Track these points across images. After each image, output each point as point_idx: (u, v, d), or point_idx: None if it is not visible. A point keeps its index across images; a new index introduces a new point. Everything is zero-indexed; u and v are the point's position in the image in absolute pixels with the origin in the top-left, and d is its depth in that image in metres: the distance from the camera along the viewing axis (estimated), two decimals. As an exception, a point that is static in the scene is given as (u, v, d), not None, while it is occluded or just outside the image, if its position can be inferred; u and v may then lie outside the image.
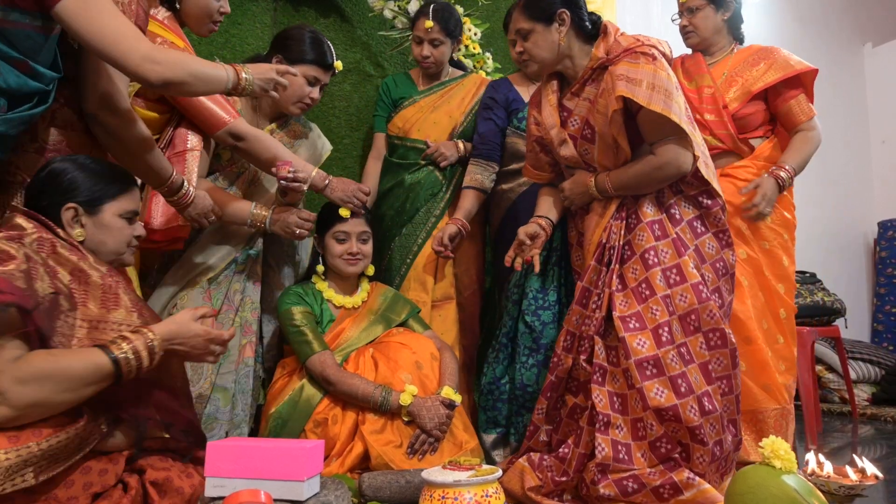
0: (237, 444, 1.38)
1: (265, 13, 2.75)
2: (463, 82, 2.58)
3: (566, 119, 1.91)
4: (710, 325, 1.71)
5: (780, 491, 1.29)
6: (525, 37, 1.87)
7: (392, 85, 2.62)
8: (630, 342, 1.68)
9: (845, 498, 1.38)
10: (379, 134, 2.63)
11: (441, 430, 1.88)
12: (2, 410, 1.12)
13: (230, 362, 1.99)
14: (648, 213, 1.79)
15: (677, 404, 1.62)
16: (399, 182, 2.49)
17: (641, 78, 1.70)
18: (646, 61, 1.72)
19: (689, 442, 1.63)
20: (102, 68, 1.49)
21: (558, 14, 1.83)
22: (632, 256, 1.78)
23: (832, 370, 3.72)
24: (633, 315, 1.72)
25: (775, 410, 2.09)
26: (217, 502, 1.29)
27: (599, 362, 1.74)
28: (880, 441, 2.83)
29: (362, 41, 2.95)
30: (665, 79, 1.71)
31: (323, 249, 2.17)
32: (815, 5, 4.54)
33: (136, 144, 1.59)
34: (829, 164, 4.33)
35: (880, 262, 4.53)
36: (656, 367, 1.66)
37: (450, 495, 1.42)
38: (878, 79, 4.75)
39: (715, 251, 1.83)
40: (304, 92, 2.11)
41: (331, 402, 1.96)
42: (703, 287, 1.73)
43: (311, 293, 2.12)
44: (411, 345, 2.01)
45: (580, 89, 1.87)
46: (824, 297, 3.30)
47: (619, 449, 1.65)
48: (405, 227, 2.45)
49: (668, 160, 1.73)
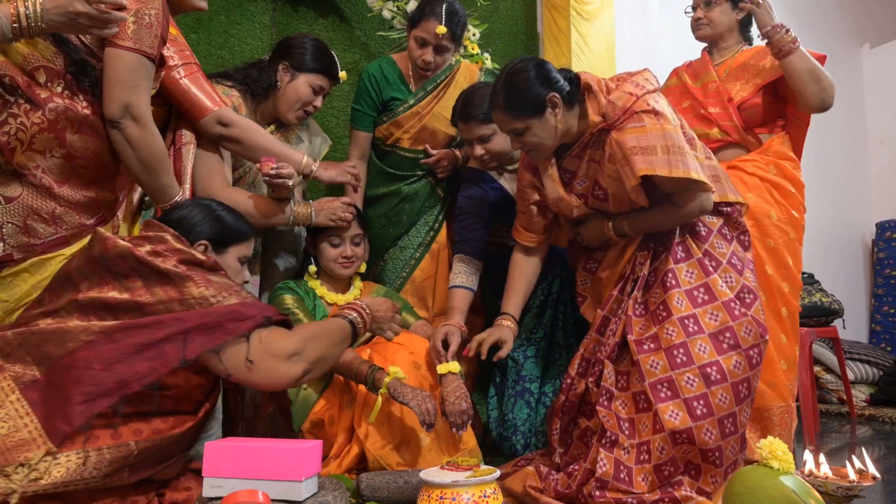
0: (235, 444, 1.37)
1: (264, 13, 2.75)
2: (455, 78, 2.42)
3: (570, 180, 1.86)
4: (749, 343, 1.67)
5: (778, 492, 1.29)
6: (521, 133, 1.76)
7: (382, 80, 2.39)
8: (643, 364, 1.66)
9: (843, 499, 1.38)
10: (363, 133, 2.41)
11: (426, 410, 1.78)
12: (300, 366, 1.35)
13: None
14: (675, 237, 1.78)
15: (692, 427, 1.59)
16: (394, 192, 2.39)
17: (654, 144, 1.64)
18: (651, 121, 1.65)
19: (700, 462, 1.62)
20: (128, 76, 1.48)
21: (549, 100, 1.71)
22: (655, 282, 1.77)
23: (830, 371, 3.72)
24: (649, 337, 1.70)
25: (780, 408, 2.09)
26: (215, 502, 1.29)
27: (607, 386, 1.72)
28: (878, 442, 2.83)
29: (361, 41, 2.95)
30: (673, 133, 1.65)
31: (316, 252, 2.17)
32: (813, 6, 4.54)
33: (153, 158, 1.57)
34: (826, 165, 4.33)
35: (878, 262, 4.53)
36: (670, 389, 1.63)
37: (448, 496, 1.42)
38: (875, 79, 4.75)
39: (742, 253, 1.84)
40: (308, 101, 2.10)
41: (328, 403, 1.96)
42: (735, 304, 1.70)
43: (303, 289, 2.12)
44: (409, 345, 2.01)
45: (581, 152, 1.81)
46: (822, 297, 3.31)
47: (621, 469, 1.63)
48: (401, 239, 2.38)
49: (690, 209, 1.73)
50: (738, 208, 1.86)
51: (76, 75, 1.48)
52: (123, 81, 1.48)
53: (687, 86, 2.39)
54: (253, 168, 2.08)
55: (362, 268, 2.24)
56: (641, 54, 2.93)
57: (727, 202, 1.84)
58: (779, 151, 2.24)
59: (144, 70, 1.51)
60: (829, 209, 4.40)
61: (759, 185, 2.19)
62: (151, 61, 1.52)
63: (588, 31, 3.29)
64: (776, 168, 2.22)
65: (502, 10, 3.35)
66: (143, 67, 1.50)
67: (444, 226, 2.40)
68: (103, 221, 1.60)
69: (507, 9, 3.37)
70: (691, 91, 2.37)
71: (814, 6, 4.55)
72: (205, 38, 2.37)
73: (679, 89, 2.42)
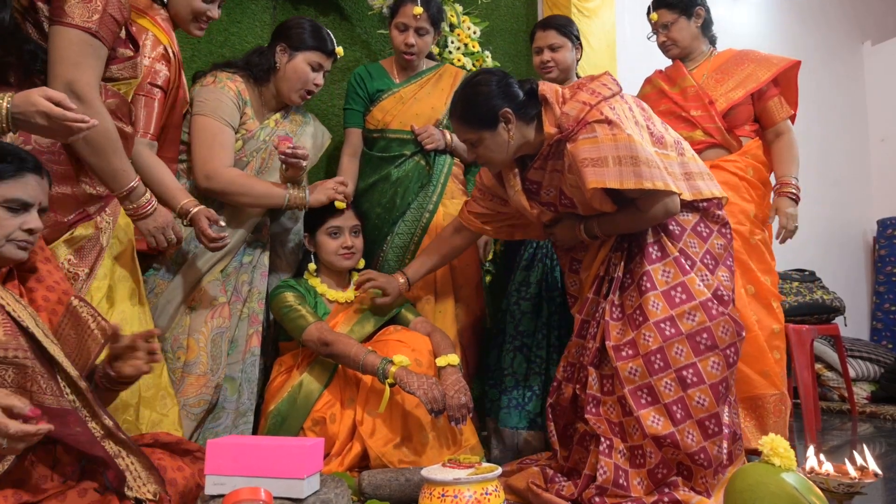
0: (237, 441, 1.38)
1: (264, 12, 2.75)
2: (440, 73, 2.49)
3: (537, 190, 1.86)
4: (727, 342, 1.67)
5: (780, 488, 1.29)
6: (474, 144, 1.78)
7: (367, 76, 2.47)
8: (622, 371, 1.66)
9: (844, 495, 1.38)
10: (353, 130, 2.48)
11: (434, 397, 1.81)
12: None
13: (237, 352, 2.02)
14: (648, 238, 1.76)
15: (674, 431, 1.59)
16: (384, 177, 2.40)
17: (606, 155, 1.61)
18: (603, 131, 1.63)
19: (690, 464, 1.62)
20: (69, 53, 1.43)
21: (501, 115, 1.72)
22: (631, 284, 1.76)
23: (831, 368, 3.72)
24: (626, 343, 1.69)
25: (774, 396, 2.15)
26: (217, 500, 1.30)
27: (592, 393, 1.72)
28: (879, 439, 2.83)
29: (362, 39, 2.95)
30: (627, 142, 1.61)
31: (315, 247, 2.17)
32: (815, 3, 4.53)
33: (101, 138, 1.49)
34: (828, 163, 4.33)
35: (879, 260, 4.53)
36: (650, 396, 1.63)
37: (449, 493, 1.42)
38: (877, 77, 4.74)
39: (723, 248, 1.82)
40: (308, 79, 2.12)
41: (329, 401, 1.96)
42: (713, 303, 1.69)
43: (304, 287, 2.12)
44: (410, 343, 2.01)
45: (543, 164, 1.80)
46: (823, 295, 3.31)
47: (620, 474, 1.63)
48: (398, 224, 2.38)
49: (654, 214, 1.70)
50: (716, 202, 1.84)
51: (28, 64, 1.45)
52: (65, 59, 1.43)
53: (664, 91, 2.47)
54: (259, 155, 2.09)
55: (360, 263, 2.24)
56: (642, 52, 2.93)
57: (703, 199, 1.81)
58: (756, 155, 2.37)
59: (88, 47, 1.45)
60: (831, 206, 4.40)
61: (739, 185, 2.31)
62: (96, 38, 1.46)
63: (589, 29, 3.29)
64: (754, 170, 2.35)
65: (503, 8, 3.34)
66: (85, 44, 1.44)
67: (440, 208, 2.38)
68: (86, 217, 1.58)
69: (508, 6, 3.37)
70: (670, 96, 2.45)
71: (816, 4, 4.55)
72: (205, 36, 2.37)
73: (654, 96, 2.50)
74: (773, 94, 2.40)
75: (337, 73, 2.87)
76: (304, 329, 1.95)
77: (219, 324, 1.96)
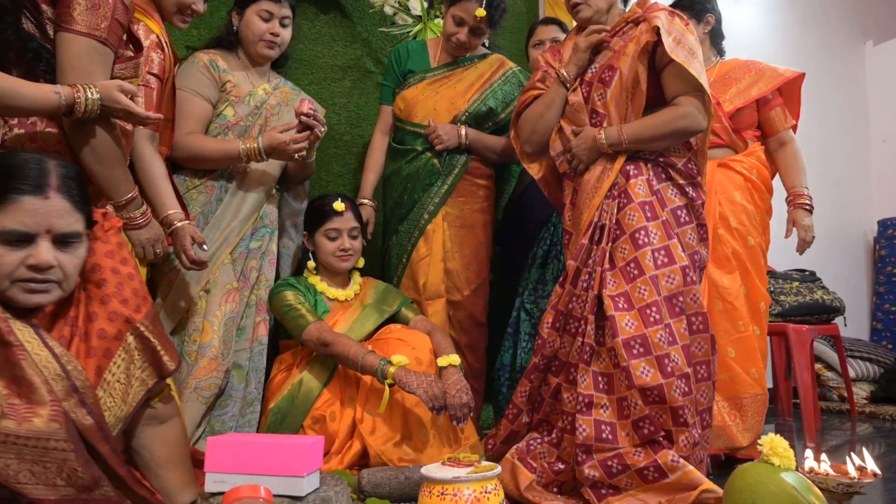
0: (237, 439, 1.38)
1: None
2: (477, 65, 2.41)
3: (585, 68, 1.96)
4: (694, 309, 1.76)
5: (779, 488, 1.29)
6: None
7: (404, 54, 2.43)
8: (619, 321, 1.69)
9: (843, 495, 1.39)
10: (386, 107, 2.46)
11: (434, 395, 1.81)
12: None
13: (245, 340, 2.03)
14: (640, 194, 1.80)
15: (663, 384, 1.62)
16: (396, 170, 2.39)
17: (671, 30, 1.78)
18: (680, 21, 1.82)
19: (671, 427, 1.64)
20: (80, 62, 1.44)
21: None
22: (621, 236, 1.79)
23: (831, 368, 3.73)
24: (621, 294, 1.73)
25: (759, 396, 2.22)
26: (217, 498, 1.30)
27: (589, 342, 1.74)
28: (878, 439, 2.84)
29: (362, 38, 2.94)
30: (693, 41, 1.80)
31: (314, 247, 2.18)
32: (816, 3, 4.52)
33: (107, 147, 1.52)
34: (829, 163, 4.33)
35: (880, 260, 4.53)
36: (643, 346, 1.66)
37: (449, 491, 1.42)
38: (878, 77, 4.74)
39: (695, 242, 1.85)
40: (262, 29, 2.13)
41: (329, 399, 1.96)
42: (690, 271, 1.75)
43: (304, 285, 2.12)
44: (410, 341, 2.01)
45: (608, 41, 1.92)
46: (823, 295, 3.31)
47: (603, 429, 1.66)
48: (402, 223, 2.37)
49: (686, 112, 1.79)
50: (702, 197, 1.88)
51: (31, 62, 1.44)
52: (76, 67, 1.44)
53: None
54: (256, 121, 2.13)
55: (360, 262, 2.24)
56: (643, 51, 2.94)
57: (694, 186, 1.87)
58: (761, 158, 2.40)
59: (98, 55, 1.46)
60: (831, 207, 4.39)
61: (744, 185, 2.35)
62: (105, 45, 1.47)
63: (590, 28, 3.28)
64: (758, 172, 2.37)
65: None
66: (95, 52, 1.45)
67: (440, 211, 2.34)
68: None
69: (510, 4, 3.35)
70: None
71: (817, 4, 4.54)
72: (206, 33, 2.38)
73: None
74: (776, 103, 2.43)
75: (337, 72, 2.87)
76: (304, 329, 1.96)
77: (231, 308, 1.98)
